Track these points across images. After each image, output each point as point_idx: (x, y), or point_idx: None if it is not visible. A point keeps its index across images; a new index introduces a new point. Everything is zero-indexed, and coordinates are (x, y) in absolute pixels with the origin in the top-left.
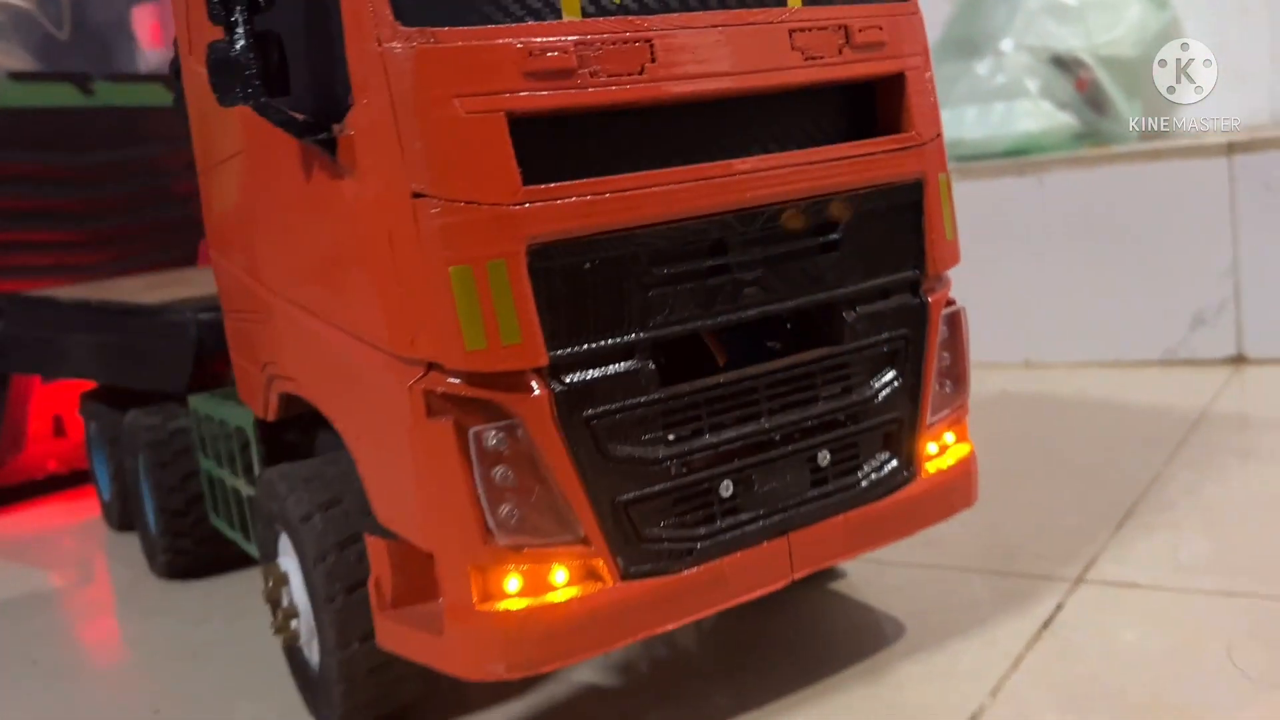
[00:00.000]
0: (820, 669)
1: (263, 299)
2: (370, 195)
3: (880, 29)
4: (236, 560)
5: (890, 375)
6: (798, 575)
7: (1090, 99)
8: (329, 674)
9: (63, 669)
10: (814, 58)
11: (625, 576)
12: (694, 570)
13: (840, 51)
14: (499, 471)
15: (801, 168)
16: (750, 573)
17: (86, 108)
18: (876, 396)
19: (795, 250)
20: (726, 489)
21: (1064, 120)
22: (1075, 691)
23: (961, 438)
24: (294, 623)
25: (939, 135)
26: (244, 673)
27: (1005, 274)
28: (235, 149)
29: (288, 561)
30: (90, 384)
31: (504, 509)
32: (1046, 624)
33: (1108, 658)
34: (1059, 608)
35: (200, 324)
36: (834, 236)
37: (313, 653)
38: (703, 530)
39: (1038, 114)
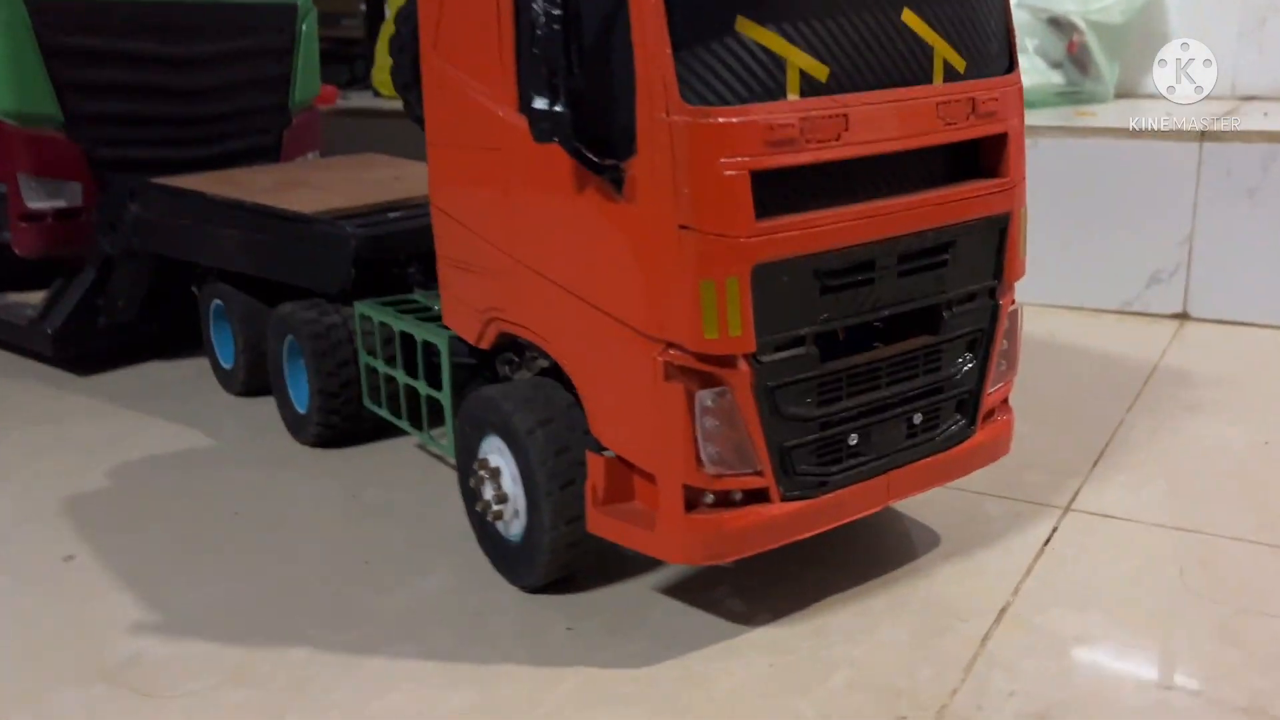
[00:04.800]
0: (876, 568)
1: (500, 262)
2: (645, 221)
3: (996, 99)
4: (366, 436)
5: (968, 358)
6: (891, 502)
7: (1077, 60)
8: (538, 546)
9: (267, 520)
10: (951, 123)
11: (784, 499)
12: (827, 496)
13: (968, 118)
14: (710, 422)
15: (932, 207)
16: (862, 499)
17: (199, 3)
18: (958, 374)
19: (919, 266)
20: (853, 440)
21: (1053, 78)
22: (1073, 595)
23: (1006, 404)
24: (502, 506)
25: (1024, 179)
26: (422, 534)
27: None
28: (490, 145)
29: (497, 459)
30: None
31: (711, 448)
32: (1047, 542)
33: (1094, 571)
34: (1054, 530)
35: (359, 238)
36: (945, 257)
37: (509, 528)
38: (835, 469)
39: (1032, 71)
